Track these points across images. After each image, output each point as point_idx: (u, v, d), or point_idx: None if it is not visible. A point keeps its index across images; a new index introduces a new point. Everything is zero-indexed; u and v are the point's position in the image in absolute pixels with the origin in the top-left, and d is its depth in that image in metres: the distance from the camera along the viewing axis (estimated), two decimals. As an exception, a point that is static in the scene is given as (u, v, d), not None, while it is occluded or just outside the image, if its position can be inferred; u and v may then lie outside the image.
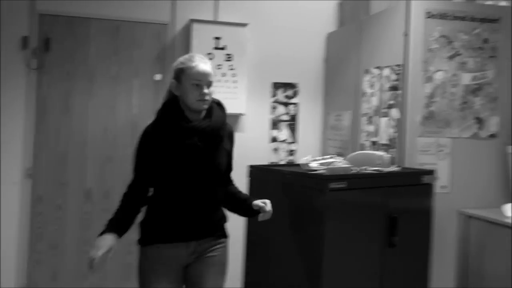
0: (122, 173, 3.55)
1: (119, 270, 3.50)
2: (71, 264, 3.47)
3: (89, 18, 3.48)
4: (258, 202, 2.02)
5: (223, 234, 2.12)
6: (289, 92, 3.85)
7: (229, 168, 2.16)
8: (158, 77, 3.59)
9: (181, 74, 1.98)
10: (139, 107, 3.59)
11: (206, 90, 1.96)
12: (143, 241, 2.05)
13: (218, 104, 2.10)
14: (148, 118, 3.53)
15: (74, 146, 3.49)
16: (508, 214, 2.71)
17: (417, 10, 2.87)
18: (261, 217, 2.01)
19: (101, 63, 3.52)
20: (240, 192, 2.19)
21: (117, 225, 1.96)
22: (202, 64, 1.97)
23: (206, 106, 2.00)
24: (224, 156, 2.08)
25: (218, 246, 2.09)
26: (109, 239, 1.90)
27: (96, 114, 3.52)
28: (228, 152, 2.12)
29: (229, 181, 2.21)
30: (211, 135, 2.01)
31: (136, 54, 3.56)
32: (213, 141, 2.02)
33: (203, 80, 1.96)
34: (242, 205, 2.10)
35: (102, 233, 1.92)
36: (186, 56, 2.04)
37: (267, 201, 2.03)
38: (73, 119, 3.49)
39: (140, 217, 2.07)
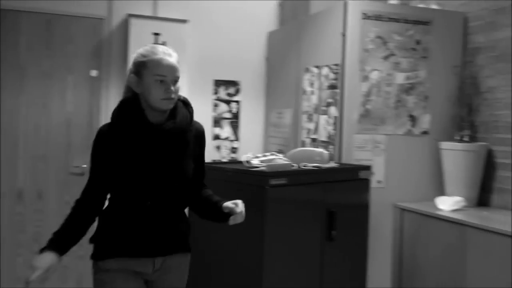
0: (56, 173, 3.50)
1: (55, 272, 3.43)
2: (3, 266, 3.37)
3: (19, 11, 3.40)
4: (228, 204, 1.81)
5: (188, 249, 1.93)
6: (231, 90, 3.94)
7: (201, 173, 1.95)
8: (94, 73, 3.56)
9: (143, 68, 1.75)
10: (74, 104, 3.54)
11: (172, 87, 1.74)
12: (101, 254, 1.81)
13: (184, 103, 1.88)
14: (83, 115, 3.54)
15: (4, 145, 3.40)
16: (441, 206, 2.94)
17: (354, 12, 3.04)
18: (232, 221, 1.78)
19: (32, 58, 3.44)
20: (212, 195, 1.96)
21: (63, 240, 1.77)
22: (167, 57, 1.75)
23: (171, 106, 1.77)
24: (191, 161, 1.88)
25: (183, 264, 1.92)
26: (48, 259, 1.71)
27: (28, 111, 3.45)
28: (196, 155, 1.91)
29: (202, 187, 1.99)
30: (176, 138, 1.81)
31: (71, 49, 3.52)
32: (178, 145, 1.82)
33: (169, 76, 1.74)
34: (213, 209, 1.89)
35: (43, 249, 1.73)
36: (148, 47, 1.79)
37: (239, 202, 1.82)
38: (3, 116, 3.39)
39: (93, 227, 1.88)
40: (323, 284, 2.63)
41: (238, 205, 1.80)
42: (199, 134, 1.91)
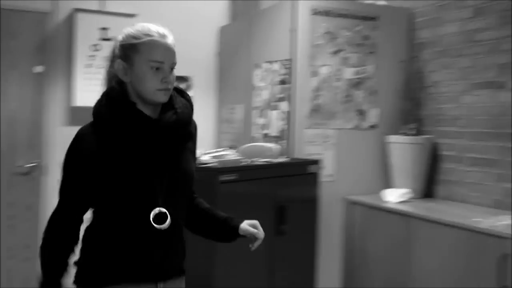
0: None
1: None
2: None
3: (-44, 4, 3.27)
4: (248, 228, 1.60)
5: (184, 271, 1.66)
6: (182, 86, 3.90)
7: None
8: (38, 69, 3.47)
9: (133, 52, 1.47)
10: (18, 101, 3.43)
11: (169, 76, 1.48)
12: (100, 281, 1.49)
13: (177, 90, 1.60)
14: (27, 112, 3.43)
15: None
16: (388, 198, 3.02)
17: (303, 7, 3.08)
18: (254, 247, 1.62)
19: (-28, 53, 3.31)
20: (210, 208, 1.72)
21: (55, 285, 1.48)
22: (164, 39, 1.49)
23: (167, 98, 1.50)
24: (193, 160, 1.63)
25: None
26: None
27: (-32, 110, 3.32)
28: (194, 154, 1.66)
29: (193, 193, 1.73)
30: (180, 133, 1.53)
31: (13, 44, 3.40)
32: (183, 141, 1.55)
33: (166, 61, 1.47)
34: (221, 228, 1.66)
35: None
36: (138, 26, 1.51)
37: (257, 223, 1.63)
38: None
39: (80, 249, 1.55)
40: (273, 277, 2.67)
41: (259, 229, 1.61)
42: (194, 129, 1.66)
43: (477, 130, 2.94)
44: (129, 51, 1.48)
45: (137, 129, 1.46)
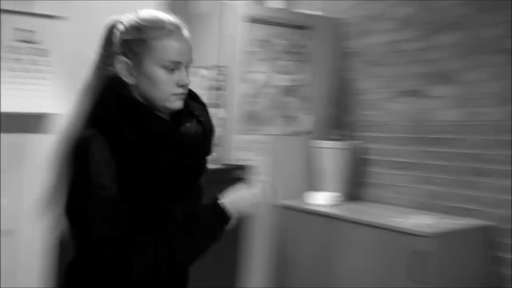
0: None
1: None
2: None
3: None
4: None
5: None
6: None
7: None
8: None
9: (142, 50, 1.24)
10: None
11: (187, 79, 1.27)
12: None
13: (192, 96, 1.39)
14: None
15: None
16: (317, 202, 3.24)
17: (239, 14, 3.25)
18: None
19: None
20: None
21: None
22: (181, 32, 1.30)
23: (182, 104, 1.29)
24: None
25: None
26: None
27: None
28: None
29: None
30: (207, 149, 1.37)
31: None
32: (207, 154, 1.39)
33: (184, 61, 1.27)
34: None
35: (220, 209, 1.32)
36: (145, 15, 1.27)
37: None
38: None
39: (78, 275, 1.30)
40: (197, 282, 2.79)
41: None
42: None
43: (401, 135, 3.23)
44: (136, 48, 1.24)
45: (164, 142, 1.24)
